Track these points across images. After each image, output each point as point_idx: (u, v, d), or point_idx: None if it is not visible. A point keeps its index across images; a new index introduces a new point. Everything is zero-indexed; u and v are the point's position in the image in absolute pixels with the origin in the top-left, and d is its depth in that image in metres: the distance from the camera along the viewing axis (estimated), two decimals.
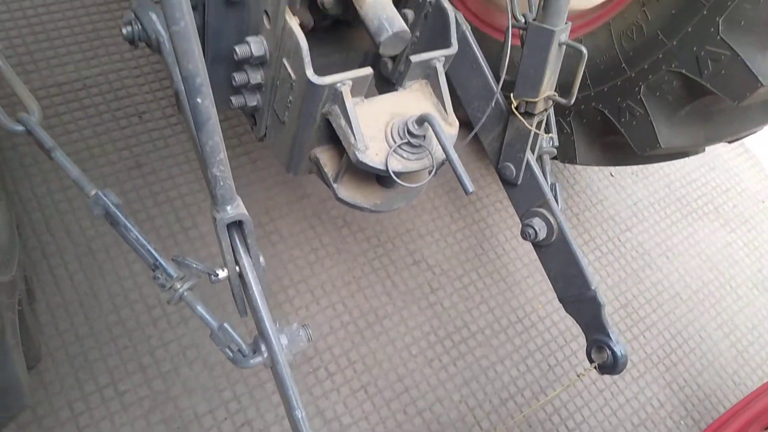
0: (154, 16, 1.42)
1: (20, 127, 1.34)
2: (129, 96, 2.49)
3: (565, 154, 2.30)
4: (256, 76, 1.49)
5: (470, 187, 1.30)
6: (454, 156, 1.32)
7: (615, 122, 2.05)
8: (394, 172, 1.38)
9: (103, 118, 2.42)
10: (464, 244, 2.68)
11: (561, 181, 3.05)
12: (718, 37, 1.65)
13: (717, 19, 1.64)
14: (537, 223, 1.83)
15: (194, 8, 1.44)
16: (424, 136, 1.41)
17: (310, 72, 1.31)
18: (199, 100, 1.11)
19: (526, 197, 1.87)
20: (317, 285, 2.37)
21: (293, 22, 1.32)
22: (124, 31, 1.43)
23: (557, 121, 2.21)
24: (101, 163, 2.34)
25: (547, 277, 1.92)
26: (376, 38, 1.34)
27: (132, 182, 2.34)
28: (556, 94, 1.67)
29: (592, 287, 1.82)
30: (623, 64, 1.93)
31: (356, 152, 1.37)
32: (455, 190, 2.81)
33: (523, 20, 1.69)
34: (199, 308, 1.37)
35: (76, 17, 2.62)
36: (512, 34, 1.66)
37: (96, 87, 2.47)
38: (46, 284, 2.08)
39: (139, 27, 1.43)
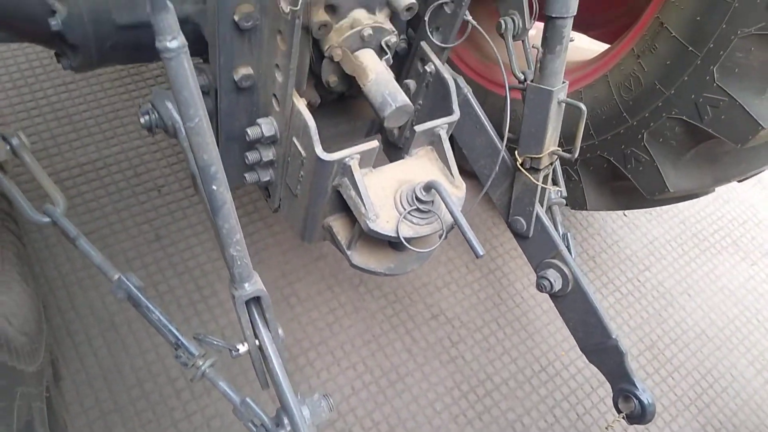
0: (170, 105, 1.49)
1: (46, 219, 1.40)
2: (148, 171, 2.59)
3: (575, 201, 2.32)
4: (268, 154, 1.55)
5: (480, 251, 1.32)
6: (463, 221, 1.35)
7: (622, 169, 2.07)
8: (405, 239, 1.42)
9: (123, 194, 2.51)
10: (482, 295, 2.68)
11: (574, 224, 3.06)
12: (715, 85, 1.69)
13: (711, 67, 1.69)
14: (551, 274, 1.84)
15: (206, 94, 1.53)
16: (433, 202, 1.44)
17: (319, 150, 1.37)
18: (214, 187, 1.16)
19: (539, 249, 1.88)
20: (337, 346, 2.38)
21: (301, 104, 1.38)
22: (142, 120, 1.50)
23: (564, 170, 2.24)
24: (122, 238, 2.41)
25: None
26: (380, 113, 1.40)
27: (152, 255, 2.40)
28: (560, 149, 1.71)
29: (613, 336, 1.81)
30: (624, 113, 1.97)
31: (367, 222, 1.41)
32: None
33: (522, 77, 1.74)
34: (222, 384, 1.39)
35: (95, 99, 2.75)
36: (513, 89, 1.71)
37: (116, 165, 2.57)
38: (71, 361, 2.11)
39: (156, 116, 1.51)
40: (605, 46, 2.33)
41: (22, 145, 1.40)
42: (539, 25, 1.65)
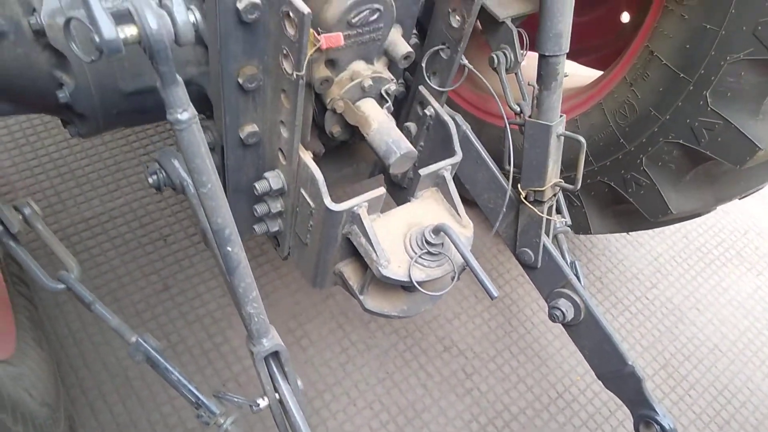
0: (176, 163, 1.51)
1: (61, 285, 1.41)
2: (153, 221, 2.60)
3: (579, 226, 2.34)
4: (277, 205, 1.57)
5: (495, 293, 1.33)
6: (474, 262, 1.36)
7: (623, 193, 2.10)
8: (418, 282, 1.43)
9: (129, 246, 2.52)
10: (492, 324, 2.67)
11: (578, 246, 3.07)
12: (709, 109, 1.72)
13: (704, 92, 1.72)
14: (563, 304, 1.85)
15: (212, 149, 1.56)
16: (443, 244, 1.46)
17: (327, 200, 1.38)
18: (229, 248, 1.18)
19: (548, 279, 1.89)
20: (352, 386, 2.37)
21: (307, 157, 1.41)
22: (150, 180, 1.52)
23: (566, 196, 2.26)
24: (131, 291, 2.41)
25: None
26: (385, 161, 1.42)
27: (162, 305, 2.41)
28: (563, 181, 1.73)
29: (629, 362, 1.81)
30: (621, 140, 2.00)
31: (379, 268, 1.42)
32: None
33: (518, 108, 1.76)
34: None
35: (97, 153, 2.78)
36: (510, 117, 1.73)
37: (121, 217, 2.59)
38: (86, 420, 2.10)
39: (164, 174, 1.53)
40: (597, 72, 2.38)
41: (34, 214, 1.42)
42: (531, 55, 1.68)
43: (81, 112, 1.35)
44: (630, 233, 3.17)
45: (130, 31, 0.89)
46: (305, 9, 1.07)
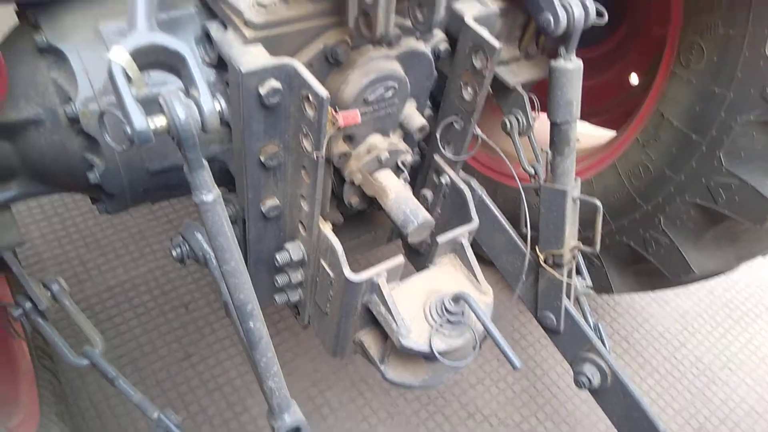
0: (200, 236, 1.55)
1: (85, 361, 1.43)
2: (174, 289, 2.64)
3: (601, 286, 2.31)
4: (297, 276, 1.59)
5: (517, 364, 1.32)
6: (495, 332, 1.35)
7: (643, 253, 2.08)
8: (439, 353, 1.42)
9: (151, 315, 2.54)
10: (516, 388, 2.61)
11: (601, 304, 3.03)
12: (724, 169, 1.73)
13: (717, 152, 1.74)
14: (588, 369, 1.81)
15: (234, 222, 1.60)
16: (463, 312, 1.45)
17: (347, 271, 1.40)
18: (251, 324, 1.19)
19: (572, 343, 1.86)
20: None
21: (326, 228, 1.44)
22: (174, 253, 1.56)
23: (586, 257, 2.25)
24: (152, 359, 2.42)
25: None
26: (403, 230, 1.44)
27: (183, 374, 2.40)
28: (581, 244, 1.73)
29: (661, 429, 1.74)
30: (638, 200, 2.01)
31: (399, 338, 1.42)
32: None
33: (532, 171, 1.78)
34: None
35: (121, 221, 2.86)
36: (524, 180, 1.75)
37: (144, 285, 2.63)
38: None
39: (188, 248, 1.56)
40: (610, 132, 2.42)
41: (61, 290, 1.45)
42: (544, 116, 1.71)
43: (110, 191, 1.41)
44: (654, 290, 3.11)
45: (159, 121, 0.94)
46: (324, 93, 1.13)
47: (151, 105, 0.96)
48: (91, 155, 1.34)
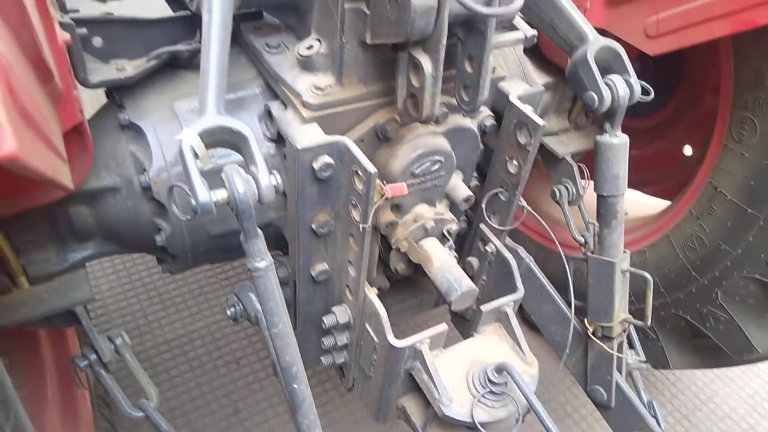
0: (252, 297, 1.63)
1: (140, 413, 1.51)
2: (228, 344, 2.73)
3: (657, 361, 2.22)
4: (342, 338, 1.63)
5: None
6: (539, 407, 1.34)
7: (701, 327, 2.00)
8: (480, 424, 1.41)
9: (205, 368, 2.63)
10: None
11: (660, 379, 2.88)
12: None
13: None
14: None
15: (285, 284, 1.67)
16: (506, 383, 1.45)
17: (391, 337, 1.43)
18: (295, 385, 1.24)
19: (623, 421, 1.79)
20: None
21: (372, 294, 1.48)
22: (228, 312, 1.64)
23: (641, 330, 2.18)
24: (203, 413, 2.48)
25: None
26: (447, 298, 1.47)
27: (232, 429, 2.45)
28: (631, 317, 1.70)
29: None
30: (693, 273, 1.96)
31: (441, 407, 1.42)
32: (548, 402, 2.70)
33: (582, 240, 1.77)
34: None
35: (183, 277, 3.01)
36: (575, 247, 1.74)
37: (200, 339, 2.73)
38: None
39: (241, 307, 1.64)
40: (665, 202, 2.38)
41: (124, 344, 1.55)
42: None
43: (173, 253, 1.52)
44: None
45: (220, 194, 1.04)
46: (372, 168, 1.20)
47: (214, 175, 1.06)
48: (159, 220, 1.47)
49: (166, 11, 1.49)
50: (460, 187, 1.58)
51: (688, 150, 2.48)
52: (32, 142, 0.73)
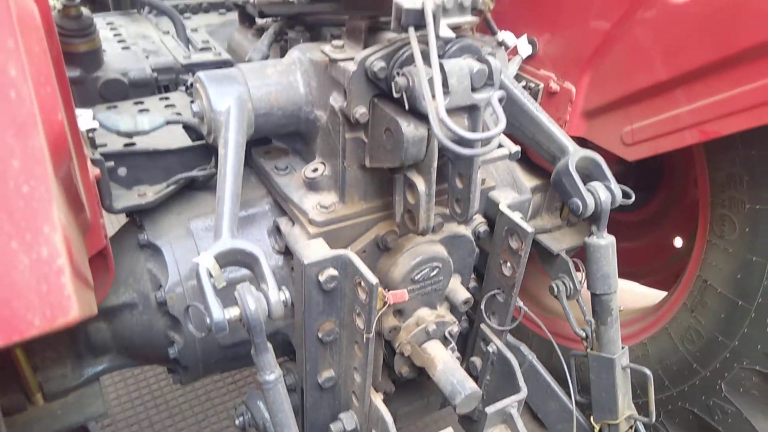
0: (261, 406, 1.66)
1: None
2: None
3: None
4: None
5: None
6: None
7: (709, 421, 1.99)
8: None
9: None
10: None
11: None
12: None
13: None
14: None
15: (293, 390, 1.71)
16: None
17: None
18: None
19: None
20: None
21: (377, 400, 1.52)
22: (237, 421, 1.66)
23: (651, 426, 2.16)
24: None
25: None
26: (451, 401, 1.51)
27: None
28: (637, 414, 1.71)
29: None
30: (695, 365, 1.98)
31: None
32: None
33: (583, 334, 1.80)
34: None
35: (190, 384, 3.00)
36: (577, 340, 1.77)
37: None
38: None
39: (250, 416, 1.67)
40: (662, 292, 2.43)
41: None
42: None
43: (185, 364, 1.57)
44: None
45: (233, 312, 1.12)
46: (374, 279, 1.29)
47: (226, 289, 1.15)
48: (173, 333, 1.53)
49: (185, 139, 1.64)
50: (459, 290, 1.66)
51: (678, 242, 2.58)
52: (80, 294, 0.80)
